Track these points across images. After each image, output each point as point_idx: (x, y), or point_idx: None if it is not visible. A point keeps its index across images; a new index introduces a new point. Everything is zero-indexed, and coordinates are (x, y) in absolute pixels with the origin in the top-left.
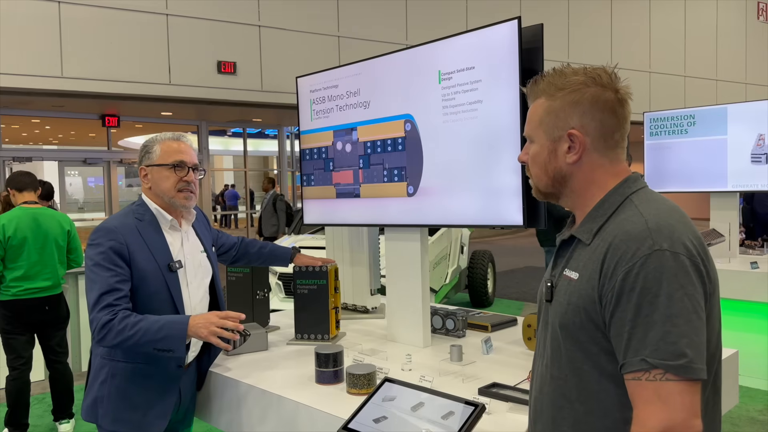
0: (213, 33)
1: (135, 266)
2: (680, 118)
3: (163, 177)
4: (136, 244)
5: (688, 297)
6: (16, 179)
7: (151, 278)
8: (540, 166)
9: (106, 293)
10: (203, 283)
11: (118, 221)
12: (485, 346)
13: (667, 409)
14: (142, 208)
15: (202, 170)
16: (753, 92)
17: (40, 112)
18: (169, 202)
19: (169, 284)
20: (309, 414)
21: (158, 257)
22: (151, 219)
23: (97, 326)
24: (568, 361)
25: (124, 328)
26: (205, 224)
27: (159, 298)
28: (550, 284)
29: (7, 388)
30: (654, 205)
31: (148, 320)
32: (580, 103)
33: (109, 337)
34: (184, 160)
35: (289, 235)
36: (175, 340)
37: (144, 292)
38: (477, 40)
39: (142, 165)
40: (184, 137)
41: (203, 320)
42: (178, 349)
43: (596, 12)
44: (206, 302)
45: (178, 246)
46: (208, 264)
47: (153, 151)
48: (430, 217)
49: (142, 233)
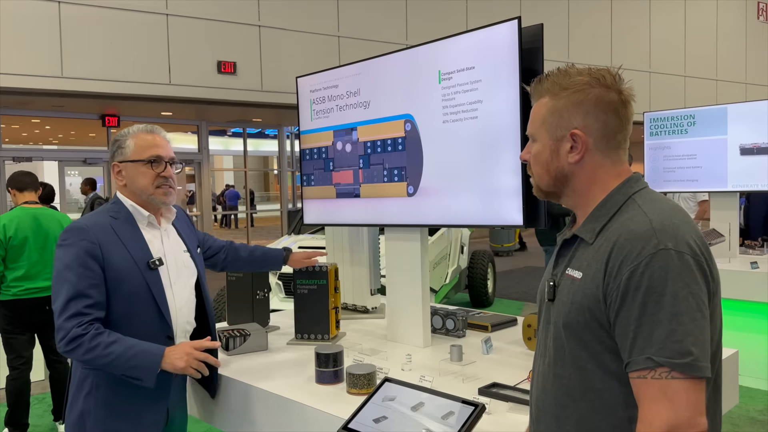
0: (213, 33)
1: (110, 266)
2: (680, 118)
3: (139, 173)
4: (111, 242)
5: (692, 296)
6: (16, 179)
7: (129, 278)
8: (542, 165)
9: (74, 299)
10: (188, 284)
11: (90, 220)
12: (485, 346)
13: (673, 407)
14: (117, 205)
15: (179, 164)
16: (753, 92)
17: (40, 112)
18: (147, 200)
19: (149, 283)
20: (309, 414)
21: (136, 255)
22: (126, 216)
23: (66, 337)
24: (571, 360)
25: (96, 346)
26: (188, 224)
27: (140, 299)
28: (552, 283)
29: (8, 387)
30: (657, 204)
31: (122, 344)
32: (583, 104)
33: (78, 352)
34: (161, 155)
35: (289, 235)
36: (146, 371)
37: (122, 294)
38: (477, 40)
39: (114, 161)
40: (157, 129)
41: (179, 351)
42: (147, 380)
43: (596, 12)
44: (192, 304)
45: (158, 244)
46: (192, 264)
47: (126, 146)
48: (430, 217)
49: (117, 231)
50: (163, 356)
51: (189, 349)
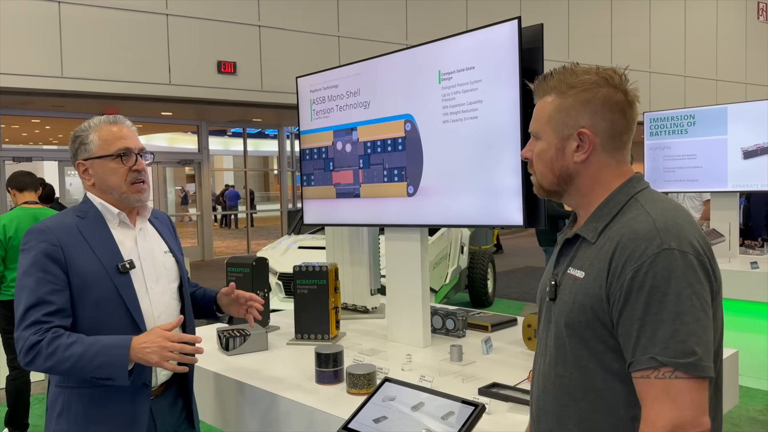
0: (213, 33)
1: (74, 271)
2: (680, 118)
3: (108, 170)
4: (75, 244)
5: (696, 295)
6: (16, 179)
7: (95, 283)
8: (546, 163)
9: (33, 307)
10: (169, 289)
11: (53, 221)
12: (485, 346)
13: (677, 407)
14: (86, 205)
15: (149, 154)
16: (753, 92)
17: (40, 112)
18: (120, 199)
19: (119, 288)
20: (309, 414)
21: (103, 257)
22: (95, 215)
23: (23, 347)
24: (573, 360)
25: (55, 351)
26: (169, 228)
27: (109, 306)
28: (554, 283)
29: (8, 388)
30: (660, 204)
31: (82, 342)
32: (591, 103)
33: (38, 362)
34: (129, 147)
35: (289, 235)
36: (114, 368)
37: (89, 301)
38: (477, 40)
39: (78, 159)
40: (121, 119)
41: (150, 342)
42: (119, 378)
43: (596, 12)
44: (173, 310)
45: (130, 245)
46: (174, 266)
47: (89, 142)
48: (430, 217)
49: (82, 232)
50: (130, 347)
51: (161, 339)
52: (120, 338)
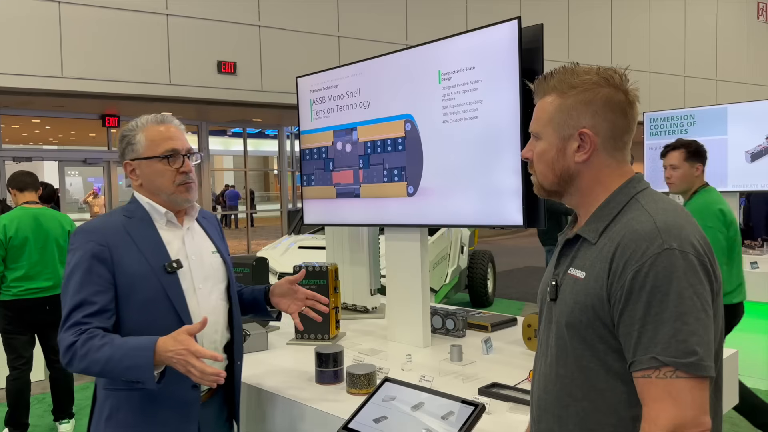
0: (213, 33)
1: (122, 271)
2: (680, 118)
3: (155, 172)
4: (123, 245)
5: (697, 295)
6: (17, 179)
7: (143, 283)
8: (547, 163)
9: (76, 309)
10: (217, 289)
11: (100, 221)
12: (485, 346)
13: (678, 407)
14: (133, 205)
15: (197, 154)
16: (753, 92)
17: (40, 112)
18: (168, 200)
19: (167, 289)
20: (309, 414)
21: (151, 257)
22: (142, 215)
23: (62, 350)
24: (574, 360)
25: (87, 352)
26: (216, 227)
27: (157, 307)
28: (554, 283)
29: (8, 388)
30: (661, 204)
31: (112, 344)
32: (593, 103)
33: (75, 363)
34: (176, 148)
35: (289, 235)
36: (141, 370)
37: (136, 301)
38: (477, 40)
39: (126, 159)
40: (169, 119)
41: (175, 354)
42: (147, 381)
43: (596, 12)
44: (221, 311)
45: (178, 245)
46: (221, 266)
47: (136, 142)
48: (430, 217)
49: (130, 232)
50: (155, 351)
51: (186, 354)
52: (145, 340)
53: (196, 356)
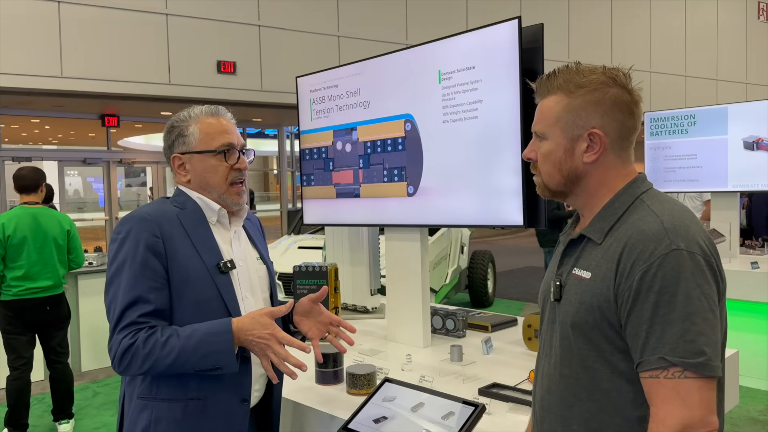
0: (213, 33)
1: (176, 266)
2: (680, 118)
3: (209, 168)
4: (177, 236)
5: (704, 296)
6: (16, 181)
7: (196, 281)
8: (553, 164)
9: (130, 307)
10: (262, 298)
11: (152, 208)
12: (485, 346)
13: (686, 407)
14: (182, 197)
15: (251, 150)
16: (753, 92)
17: (39, 112)
18: (218, 199)
19: (221, 289)
20: (309, 414)
21: (204, 254)
22: (194, 208)
23: (117, 354)
24: (579, 360)
25: (152, 350)
26: (260, 232)
27: (210, 308)
28: (558, 283)
29: (8, 388)
30: (666, 205)
31: (180, 335)
32: (601, 103)
33: (135, 366)
34: (233, 142)
35: (289, 235)
36: (222, 354)
37: (188, 301)
38: (477, 40)
39: (175, 153)
40: (222, 111)
41: (256, 336)
42: (227, 365)
43: (596, 12)
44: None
45: (226, 248)
46: (266, 274)
47: (189, 134)
48: (430, 217)
49: (184, 224)
50: (233, 333)
51: (270, 338)
52: (217, 324)
53: (280, 343)
